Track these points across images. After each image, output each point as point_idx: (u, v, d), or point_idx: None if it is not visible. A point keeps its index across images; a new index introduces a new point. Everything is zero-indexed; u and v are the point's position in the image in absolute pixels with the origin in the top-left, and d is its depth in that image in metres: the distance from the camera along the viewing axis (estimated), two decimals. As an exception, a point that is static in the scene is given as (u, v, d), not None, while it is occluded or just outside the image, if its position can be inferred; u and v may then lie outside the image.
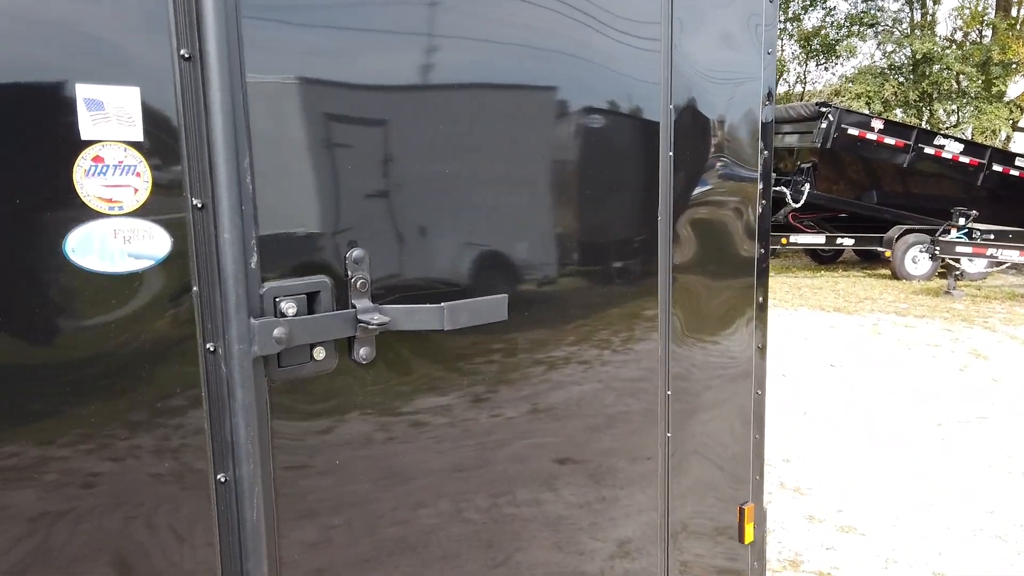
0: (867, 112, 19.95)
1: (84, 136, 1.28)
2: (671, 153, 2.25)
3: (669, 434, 2.37)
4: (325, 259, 1.58)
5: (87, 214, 1.30)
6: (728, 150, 2.46)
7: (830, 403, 7.10)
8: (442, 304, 1.66)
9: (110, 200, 1.32)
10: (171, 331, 1.41)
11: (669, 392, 2.35)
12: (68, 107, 1.27)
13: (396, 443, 1.73)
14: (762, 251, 2.62)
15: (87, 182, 1.30)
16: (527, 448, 2.00)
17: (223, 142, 1.40)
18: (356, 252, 1.60)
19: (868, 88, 24.14)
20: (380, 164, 1.66)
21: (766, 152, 2.57)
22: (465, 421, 1.85)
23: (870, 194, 15.39)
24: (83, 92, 1.28)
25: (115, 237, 1.33)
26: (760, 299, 2.65)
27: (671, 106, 2.24)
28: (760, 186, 2.56)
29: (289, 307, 1.50)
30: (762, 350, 2.69)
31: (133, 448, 1.39)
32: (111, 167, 1.32)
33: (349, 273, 1.60)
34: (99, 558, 1.37)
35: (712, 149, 2.41)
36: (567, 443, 2.10)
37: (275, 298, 1.50)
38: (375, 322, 1.56)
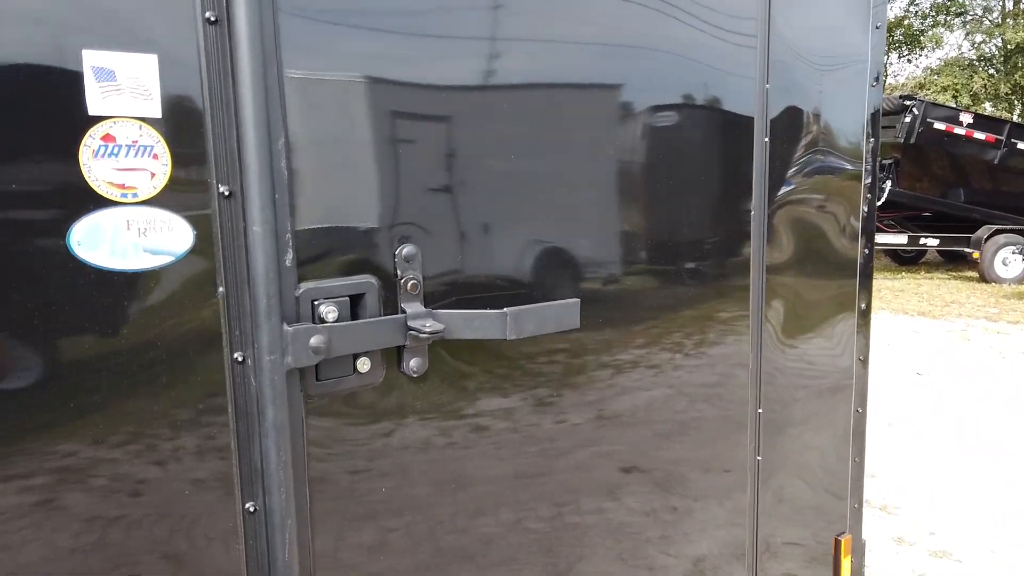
0: (954, 105, 19.06)
1: (92, 111, 1.11)
2: (767, 139, 1.98)
3: (759, 457, 2.10)
4: (371, 256, 1.38)
5: (95, 202, 1.13)
6: (830, 138, 2.19)
7: (917, 413, 6.66)
8: (505, 310, 1.44)
9: (122, 186, 1.15)
10: (193, 338, 1.22)
11: (760, 410, 2.08)
12: (73, 77, 1.10)
13: (451, 469, 1.51)
14: (866, 251, 2.33)
15: (95, 164, 1.12)
16: (603, 460, 1.76)
17: (254, 120, 1.21)
18: (407, 249, 1.39)
19: (955, 81, 23.13)
20: (437, 151, 1.45)
21: (872, 141, 2.28)
22: (534, 441, 1.63)
23: (956, 192, 14.72)
24: (91, 60, 1.11)
25: (128, 229, 1.16)
26: (863, 305, 2.36)
27: (767, 86, 1.97)
28: (866, 180, 2.27)
29: (329, 311, 1.31)
30: (864, 362, 2.40)
31: (149, 472, 1.21)
32: (124, 147, 1.14)
33: (399, 273, 1.39)
34: (109, 598, 1.19)
35: (812, 136, 2.14)
36: (644, 456, 1.86)
37: (313, 301, 1.31)
38: (428, 330, 1.35)
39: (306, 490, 1.33)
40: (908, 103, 13.51)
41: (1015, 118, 23.15)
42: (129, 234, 1.15)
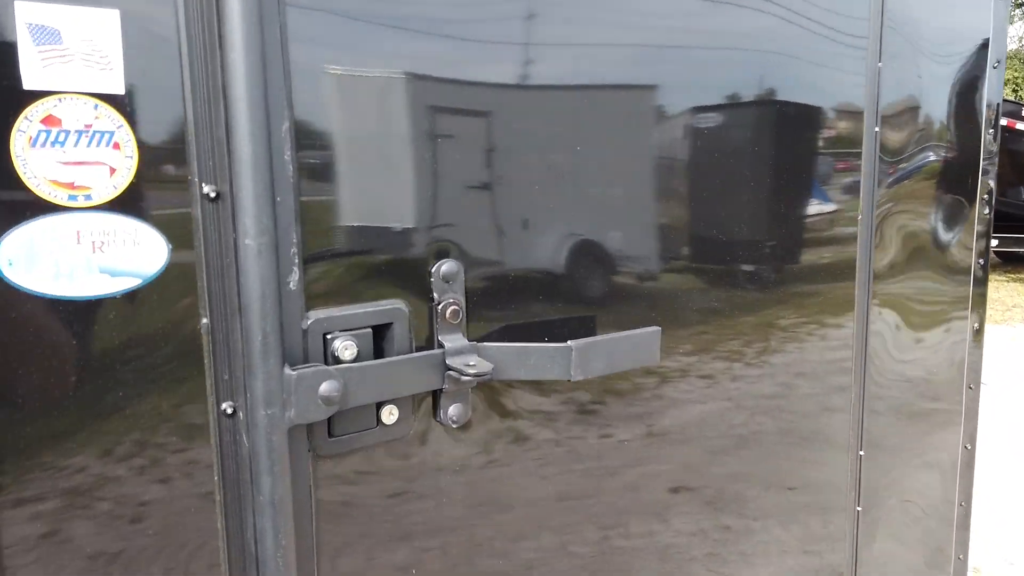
0: (1016, 100, 18.39)
1: (28, 84, 0.87)
2: (877, 129, 1.65)
3: (859, 507, 1.77)
4: (401, 276, 1.09)
5: (33, 207, 0.87)
6: (946, 128, 1.85)
7: (981, 428, 6.22)
8: (569, 343, 1.14)
9: (71, 185, 0.89)
10: (167, 385, 0.95)
11: (862, 452, 1.75)
12: (2, 38, 0.82)
13: (501, 550, 1.21)
14: (980, 261, 1.98)
15: (33, 156, 0.86)
16: (658, 481, 1.46)
17: (248, 99, 0.92)
18: (447, 266, 1.10)
19: (1016, 74, 22.36)
20: (485, 145, 1.15)
21: (992, 131, 1.93)
22: (608, 520, 1.32)
23: (1017, 190, 14.13)
24: (26, 14, 0.84)
25: (79, 242, 0.90)
26: (975, 324, 2.01)
27: (879, 65, 1.64)
28: (989, 182, 1.93)
29: (345, 348, 1.03)
30: (975, 390, 2.06)
31: (112, 553, 0.93)
32: (73, 134, 0.89)
33: (436, 296, 1.10)
34: None
35: (927, 126, 1.81)
36: (700, 475, 1.55)
37: (325, 335, 1.03)
38: (472, 371, 1.06)
39: (314, 581, 1.04)
40: (967, 96, 13.00)
41: (1077, 113, 22.35)
42: (80, 249, 0.89)
